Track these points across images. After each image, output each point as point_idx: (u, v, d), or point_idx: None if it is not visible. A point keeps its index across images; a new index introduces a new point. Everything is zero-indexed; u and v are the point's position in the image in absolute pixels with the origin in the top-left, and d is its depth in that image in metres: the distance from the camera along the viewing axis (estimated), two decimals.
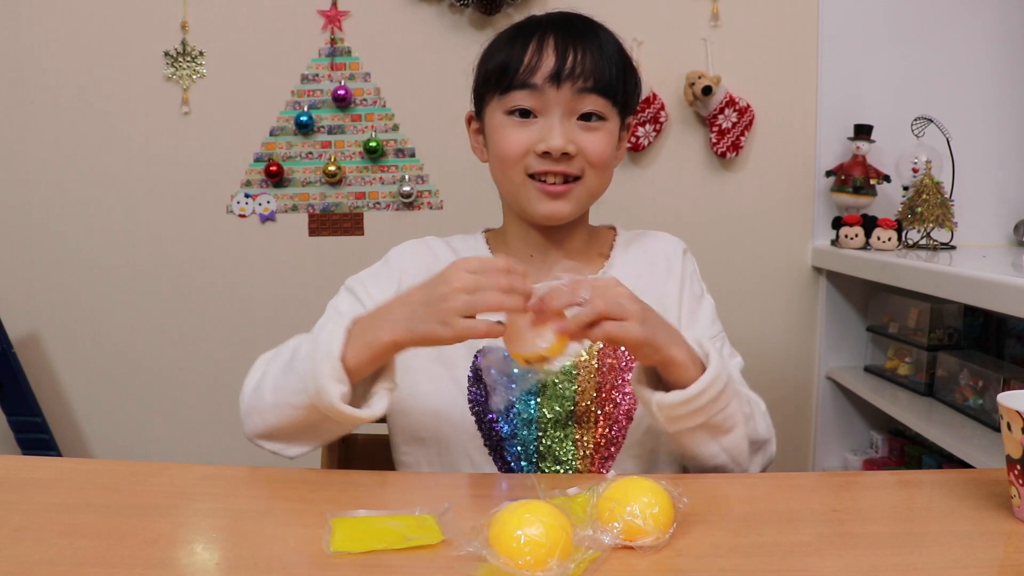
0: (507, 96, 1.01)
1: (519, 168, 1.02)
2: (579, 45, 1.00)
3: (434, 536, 0.71)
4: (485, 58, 1.07)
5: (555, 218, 1.04)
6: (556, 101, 1.00)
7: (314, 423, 0.90)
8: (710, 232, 2.08)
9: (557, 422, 1.02)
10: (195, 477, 0.89)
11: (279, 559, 0.69)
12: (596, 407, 1.02)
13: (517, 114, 1.02)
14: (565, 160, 1.00)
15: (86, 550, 0.69)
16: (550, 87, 0.99)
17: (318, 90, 2.06)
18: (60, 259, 2.11)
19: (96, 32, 2.04)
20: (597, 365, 1.03)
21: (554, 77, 0.98)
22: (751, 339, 2.10)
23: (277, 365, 0.93)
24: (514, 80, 1.00)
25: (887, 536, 0.74)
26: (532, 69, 0.99)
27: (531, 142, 1.01)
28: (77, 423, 2.17)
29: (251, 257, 2.10)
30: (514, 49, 1.01)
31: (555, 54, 0.99)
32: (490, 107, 1.05)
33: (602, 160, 1.03)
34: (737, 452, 0.94)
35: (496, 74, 1.02)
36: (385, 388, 0.90)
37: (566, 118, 1.01)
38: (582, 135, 1.01)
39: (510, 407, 1.02)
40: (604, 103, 1.01)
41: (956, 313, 1.83)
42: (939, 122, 1.92)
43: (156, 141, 2.07)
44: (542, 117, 1.01)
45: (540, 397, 1.02)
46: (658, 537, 0.69)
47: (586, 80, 0.99)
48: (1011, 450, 0.77)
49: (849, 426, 2.12)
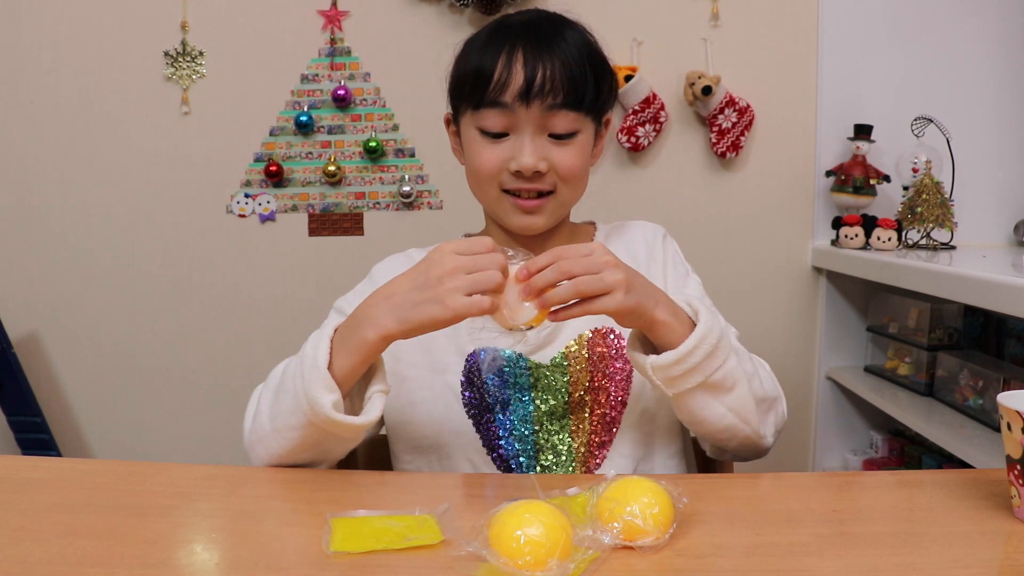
0: (479, 113, 1.02)
1: (494, 184, 1.04)
2: (547, 58, 0.98)
3: (434, 536, 0.71)
4: (459, 61, 1.06)
5: (531, 230, 1.06)
6: (526, 119, 1.00)
7: (317, 441, 0.90)
8: (710, 232, 2.08)
9: (552, 415, 1.02)
10: (195, 477, 0.89)
11: (279, 559, 0.69)
12: (589, 396, 1.03)
13: (491, 135, 1.02)
14: (537, 177, 1.01)
15: (86, 550, 0.69)
16: (520, 106, 0.99)
17: (318, 90, 2.06)
18: (60, 259, 2.11)
19: (96, 32, 2.04)
20: (587, 355, 1.04)
21: (523, 96, 0.98)
22: (751, 339, 2.07)
23: (269, 391, 0.94)
24: (484, 98, 1.00)
25: (887, 536, 0.74)
26: (502, 86, 0.99)
27: (503, 160, 1.01)
28: (77, 423, 2.17)
29: (251, 257, 2.10)
30: (485, 58, 1.00)
31: (524, 70, 0.98)
32: (464, 118, 1.05)
33: (574, 174, 1.03)
34: (744, 411, 0.93)
35: (468, 85, 1.02)
36: (378, 391, 0.90)
37: (537, 135, 1.01)
38: (554, 151, 1.02)
39: (506, 403, 1.02)
40: (575, 116, 1.01)
41: (956, 313, 1.83)
42: (939, 122, 1.92)
43: (156, 141, 2.07)
44: (514, 135, 1.01)
45: (533, 391, 1.03)
46: (658, 537, 0.69)
47: (555, 96, 0.99)
48: (1011, 450, 0.77)
49: (849, 426, 2.12)
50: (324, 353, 0.87)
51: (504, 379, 1.03)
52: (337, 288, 1.12)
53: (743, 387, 0.92)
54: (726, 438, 0.95)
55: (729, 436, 0.95)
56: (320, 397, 0.85)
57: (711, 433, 0.95)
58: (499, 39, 1.01)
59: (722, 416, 0.92)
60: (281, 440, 0.90)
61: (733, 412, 0.92)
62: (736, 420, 0.93)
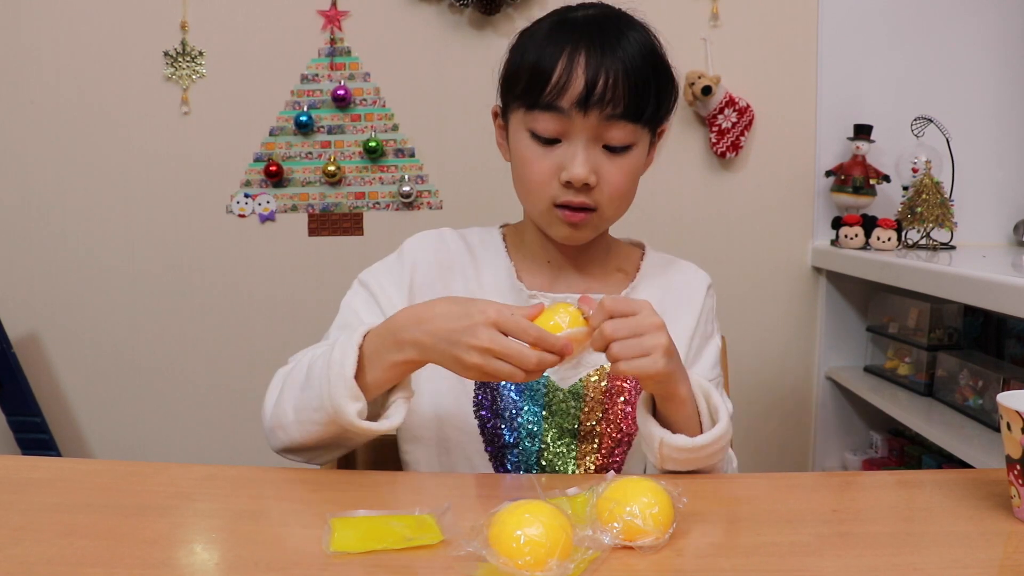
0: (532, 115, 0.96)
1: (543, 196, 0.99)
2: (610, 63, 0.93)
3: (434, 536, 0.71)
4: (514, 53, 1.00)
5: (573, 241, 1.03)
6: (582, 127, 0.95)
7: (337, 436, 0.91)
8: (710, 232, 2.08)
9: (560, 438, 1.01)
10: (195, 477, 0.88)
11: (279, 559, 0.69)
12: (600, 427, 1.02)
13: (542, 140, 0.97)
14: (586, 189, 0.97)
15: (86, 550, 0.69)
16: (577, 113, 0.94)
17: (318, 90, 2.06)
18: (60, 259, 2.11)
19: (96, 32, 2.04)
20: (606, 386, 1.03)
21: (581, 103, 0.93)
22: (751, 339, 2.10)
23: (295, 381, 0.93)
24: (540, 100, 0.95)
25: (887, 536, 0.74)
26: (560, 90, 0.93)
27: (554, 169, 0.97)
28: (77, 423, 2.17)
29: (251, 257, 2.10)
30: (544, 56, 0.95)
31: (585, 74, 0.92)
32: (515, 115, 1.00)
33: (621, 193, 0.99)
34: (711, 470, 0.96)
35: (524, 83, 0.96)
36: (402, 398, 0.91)
37: (591, 145, 0.96)
38: (605, 164, 0.97)
39: (516, 414, 1.01)
40: (632, 129, 0.97)
41: (956, 313, 1.83)
42: (939, 122, 1.92)
43: (156, 141, 2.07)
44: (566, 142, 0.96)
45: (546, 411, 1.02)
46: (658, 537, 0.69)
47: (615, 107, 0.94)
48: (1011, 450, 0.77)
49: (849, 426, 2.12)
50: (352, 362, 0.87)
51: (520, 389, 1.02)
52: (337, 288, 1.11)
53: (719, 468, 0.96)
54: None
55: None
56: (345, 405, 0.86)
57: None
58: (561, 36, 0.95)
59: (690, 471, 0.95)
60: (303, 431, 0.92)
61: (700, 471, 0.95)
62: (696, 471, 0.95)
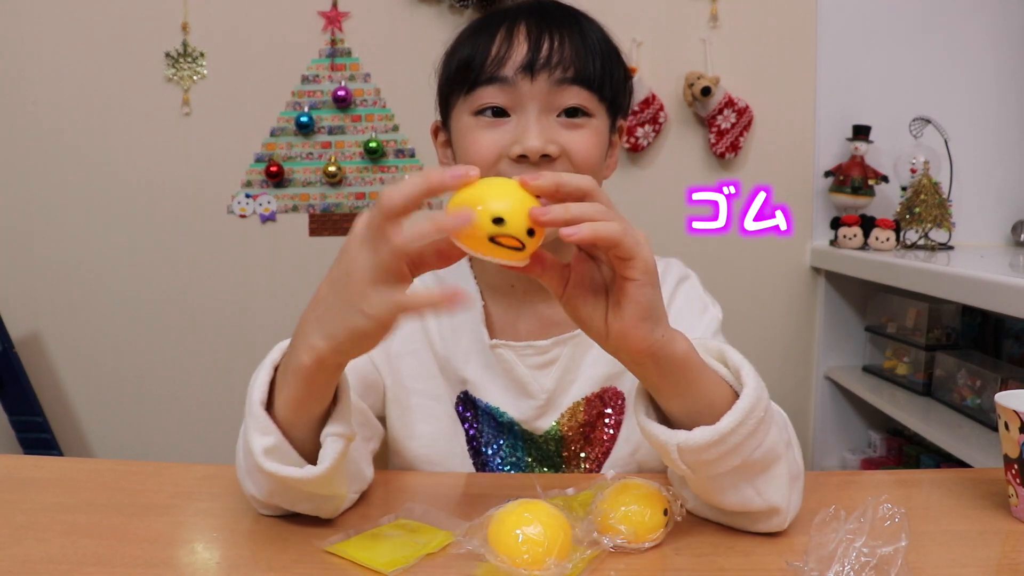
0: (473, 94, 0.85)
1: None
2: (556, 32, 0.84)
3: (444, 537, 0.70)
4: (448, 57, 0.92)
5: None
6: (531, 95, 0.83)
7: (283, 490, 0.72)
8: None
9: (544, 467, 0.96)
10: (195, 477, 0.89)
11: (279, 559, 0.69)
12: (585, 451, 0.95)
13: (488, 113, 0.85)
14: (546, 163, 0.82)
15: (87, 549, 0.70)
16: (523, 79, 0.83)
17: (318, 91, 2.06)
18: (60, 259, 2.11)
19: (97, 33, 2.04)
20: (583, 419, 0.94)
21: (527, 67, 0.83)
22: (750, 339, 2.10)
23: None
24: (480, 74, 0.84)
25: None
26: (500, 60, 0.84)
27: (504, 145, 0.84)
28: (78, 423, 2.17)
29: (251, 257, 2.11)
30: (479, 41, 0.86)
31: (527, 42, 0.84)
32: (456, 110, 0.89)
33: (590, 161, 0.85)
34: (777, 496, 0.70)
35: (460, 71, 0.87)
36: (332, 435, 0.69)
37: (544, 114, 0.84)
38: (565, 134, 0.85)
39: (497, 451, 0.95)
40: (588, 96, 0.85)
41: (954, 313, 1.84)
42: (937, 123, 1.93)
43: (156, 141, 2.07)
44: (515, 115, 0.85)
45: (526, 446, 0.94)
46: (657, 537, 0.70)
47: (565, 70, 0.83)
48: (1009, 450, 0.77)
49: (847, 426, 2.12)
50: (262, 385, 0.69)
51: (499, 427, 0.95)
52: None
53: (782, 465, 0.70)
54: (741, 521, 0.73)
55: (745, 520, 0.73)
56: (253, 441, 0.68)
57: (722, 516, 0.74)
58: (495, 22, 0.87)
59: (750, 499, 0.70)
60: (255, 483, 0.73)
61: (762, 496, 0.69)
62: (762, 504, 0.70)
